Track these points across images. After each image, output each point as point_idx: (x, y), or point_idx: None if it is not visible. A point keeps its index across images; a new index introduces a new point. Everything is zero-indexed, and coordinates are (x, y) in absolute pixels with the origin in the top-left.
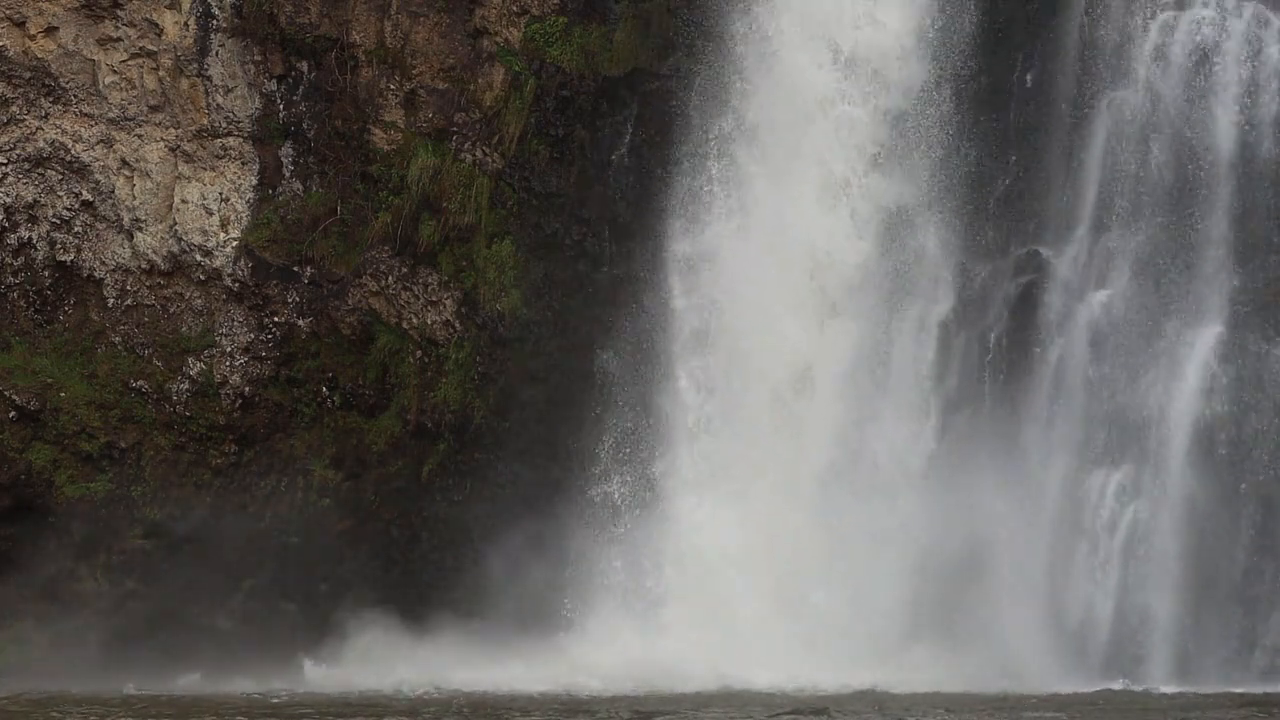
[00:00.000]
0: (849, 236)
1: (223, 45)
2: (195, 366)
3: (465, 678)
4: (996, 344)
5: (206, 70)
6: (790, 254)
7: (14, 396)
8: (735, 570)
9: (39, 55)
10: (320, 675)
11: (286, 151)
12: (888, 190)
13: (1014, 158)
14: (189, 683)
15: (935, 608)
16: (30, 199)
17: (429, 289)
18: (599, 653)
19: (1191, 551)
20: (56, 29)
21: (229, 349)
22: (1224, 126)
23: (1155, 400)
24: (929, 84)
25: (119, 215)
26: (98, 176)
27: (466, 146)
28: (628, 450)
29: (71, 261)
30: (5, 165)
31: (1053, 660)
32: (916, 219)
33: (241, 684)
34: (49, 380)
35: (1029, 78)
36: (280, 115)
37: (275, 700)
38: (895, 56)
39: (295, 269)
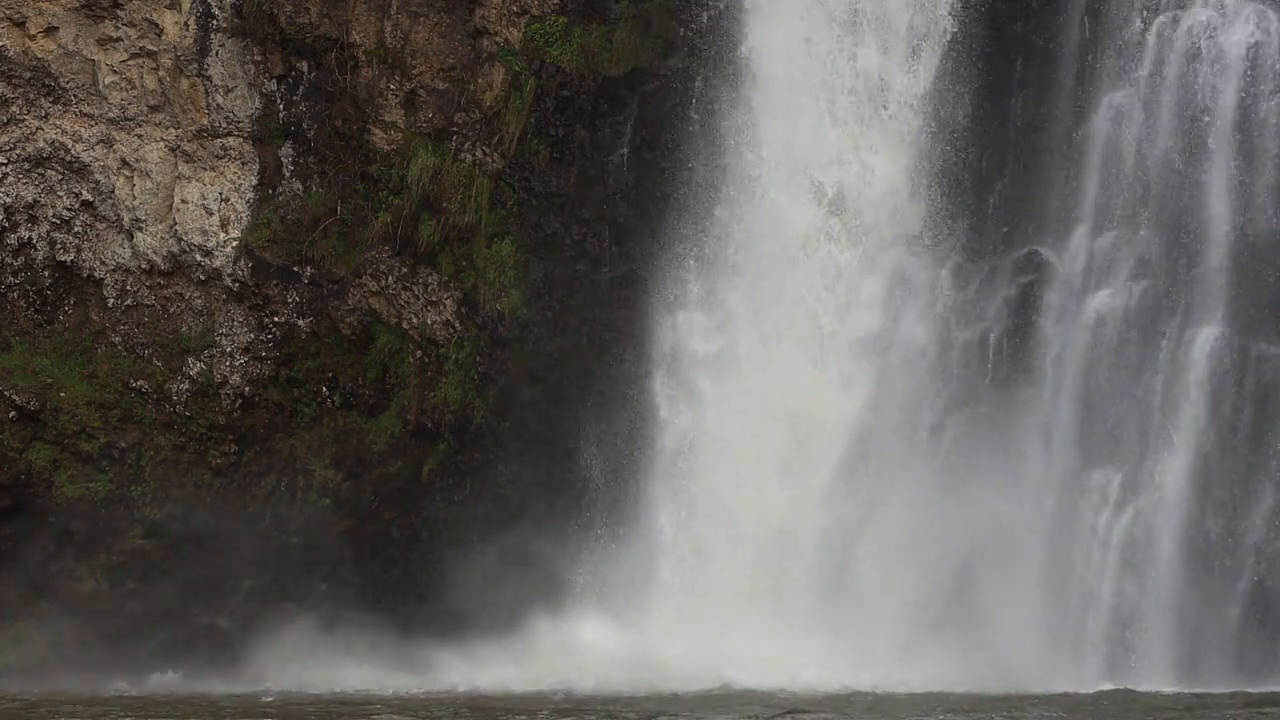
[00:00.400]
0: (837, 394)
1: (223, 45)
2: (195, 366)
3: (462, 677)
4: (997, 345)
5: (206, 70)
6: (774, 405)
7: (14, 396)
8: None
9: (39, 55)
10: (312, 674)
11: (286, 151)
12: (880, 331)
13: (1013, 158)
14: (168, 681)
15: (935, 608)
16: (30, 199)
17: (429, 289)
18: (597, 652)
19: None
20: (56, 29)
21: (229, 349)
22: (1223, 129)
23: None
24: (924, 218)
25: (119, 215)
26: (98, 176)
27: (466, 146)
28: (601, 588)
29: (71, 261)
30: (5, 165)
31: (1052, 660)
32: (907, 332)
33: (238, 683)
34: (49, 380)
35: (1022, 98)
36: (280, 115)
37: (269, 699)
38: (887, 207)
39: (295, 269)
